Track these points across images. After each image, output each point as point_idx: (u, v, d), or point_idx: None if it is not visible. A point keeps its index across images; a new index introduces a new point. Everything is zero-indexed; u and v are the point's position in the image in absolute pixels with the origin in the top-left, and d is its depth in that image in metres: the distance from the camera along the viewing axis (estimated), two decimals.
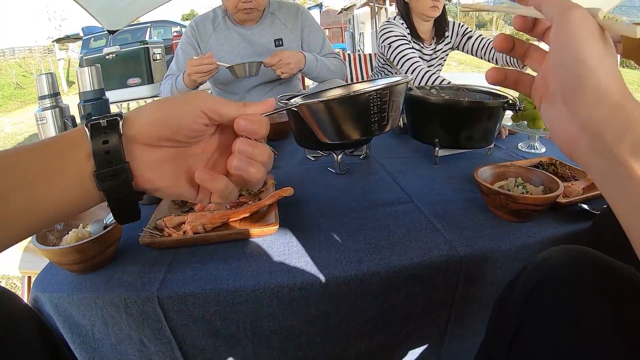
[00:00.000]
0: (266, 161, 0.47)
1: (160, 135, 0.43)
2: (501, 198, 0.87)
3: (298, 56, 1.78)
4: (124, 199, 0.43)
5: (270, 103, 0.48)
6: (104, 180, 0.41)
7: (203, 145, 0.48)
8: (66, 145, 0.42)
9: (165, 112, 0.43)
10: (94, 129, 0.41)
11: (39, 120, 2.03)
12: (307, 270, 0.75)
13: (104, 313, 0.74)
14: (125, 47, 4.20)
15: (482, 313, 0.87)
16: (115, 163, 0.41)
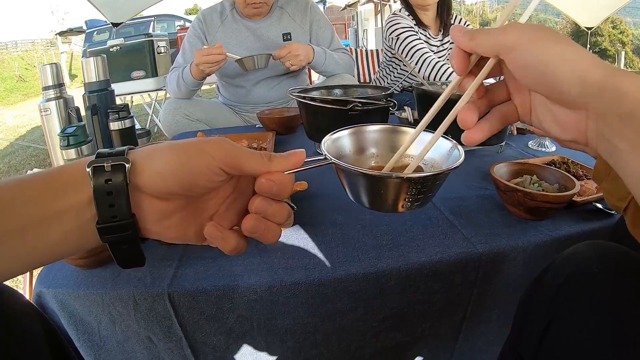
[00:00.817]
0: (284, 221, 0.43)
1: (171, 191, 0.39)
2: (518, 195, 0.85)
3: (307, 49, 1.76)
4: (128, 250, 0.40)
5: (300, 157, 0.42)
6: (107, 234, 0.38)
7: (217, 191, 0.43)
8: (65, 186, 0.37)
9: (178, 165, 0.38)
10: (96, 171, 0.37)
11: (42, 111, 2.02)
12: (324, 266, 0.74)
13: (111, 310, 0.72)
14: (129, 40, 4.18)
15: (496, 311, 0.85)
16: (120, 218, 0.37)
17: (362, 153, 0.56)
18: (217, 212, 0.43)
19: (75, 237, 0.38)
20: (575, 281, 0.48)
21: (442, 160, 0.52)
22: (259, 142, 1.45)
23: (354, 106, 1.05)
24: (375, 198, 0.48)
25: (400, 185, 0.45)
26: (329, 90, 1.37)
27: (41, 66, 2.04)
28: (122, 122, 1.60)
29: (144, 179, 0.38)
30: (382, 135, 0.57)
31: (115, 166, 0.37)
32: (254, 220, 0.41)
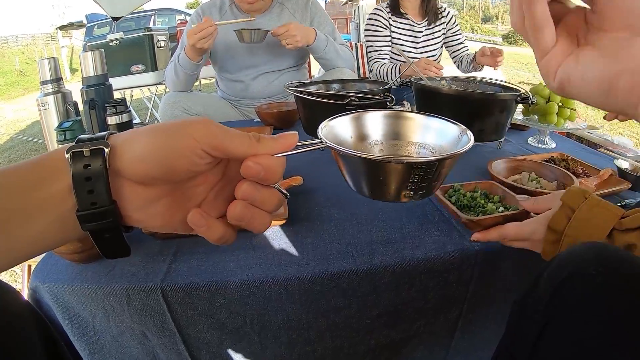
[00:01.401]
0: (274, 209, 0.40)
1: (152, 176, 0.36)
2: (516, 192, 0.84)
3: (307, 31, 1.75)
4: (111, 238, 0.38)
5: (292, 140, 0.39)
6: (87, 222, 0.36)
7: (204, 177, 0.41)
8: (46, 174, 0.36)
9: (158, 148, 0.36)
10: (75, 156, 0.35)
11: (40, 105, 2.01)
12: (317, 262, 0.73)
13: (105, 304, 0.72)
14: (129, 34, 4.16)
15: (492, 309, 0.85)
16: (100, 204, 0.35)
17: (364, 140, 0.52)
18: (205, 200, 0.41)
19: (58, 227, 0.36)
20: (572, 284, 0.47)
21: (450, 146, 0.49)
22: None
23: (350, 101, 1.04)
24: (376, 185, 0.45)
25: (403, 171, 0.42)
26: (326, 84, 1.36)
27: (39, 60, 2.03)
28: (120, 116, 1.60)
29: (124, 163, 0.36)
30: (385, 122, 0.53)
31: (94, 151, 0.35)
32: (240, 207, 0.38)
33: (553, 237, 0.62)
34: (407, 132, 0.52)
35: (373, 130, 0.53)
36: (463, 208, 0.79)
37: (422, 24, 2.25)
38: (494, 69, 2.13)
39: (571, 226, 0.59)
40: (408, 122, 0.53)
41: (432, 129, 0.51)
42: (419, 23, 2.24)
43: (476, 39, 24.63)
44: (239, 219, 0.38)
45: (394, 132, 0.53)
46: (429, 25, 2.27)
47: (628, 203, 0.92)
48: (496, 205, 0.78)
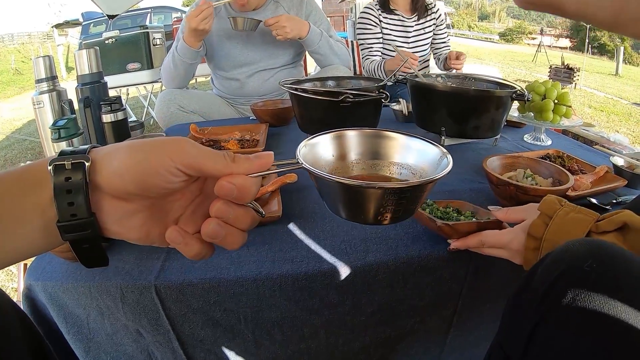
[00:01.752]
0: (248, 227, 0.41)
1: (128, 191, 0.38)
2: (511, 189, 0.84)
3: (300, 23, 1.75)
4: (90, 249, 0.39)
5: (266, 160, 0.39)
6: (67, 232, 0.37)
7: (181, 193, 0.42)
8: (30, 184, 0.37)
9: (134, 164, 0.37)
10: (57, 169, 0.36)
11: (35, 104, 2.00)
12: (311, 260, 0.73)
13: (99, 302, 0.72)
14: (124, 32, 4.14)
15: (488, 306, 0.85)
16: (80, 216, 0.37)
17: (343, 159, 0.52)
18: (183, 215, 0.42)
19: (40, 236, 0.37)
20: (566, 281, 0.46)
21: (430, 169, 0.48)
22: (251, 134, 1.44)
23: (345, 98, 1.04)
24: (351, 209, 0.45)
25: (379, 196, 0.42)
26: (321, 81, 1.35)
27: (34, 58, 2.02)
28: (115, 114, 1.59)
29: (103, 178, 0.37)
30: (366, 141, 0.52)
31: (76, 164, 0.36)
32: (214, 225, 0.39)
33: (533, 244, 0.63)
34: (389, 152, 0.52)
35: (354, 149, 0.52)
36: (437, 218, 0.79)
37: (412, 19, 2.26)
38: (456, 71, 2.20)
39: (550, 231, 0.61)
40: (389, 142, 0.52)
41: (413, 150, 0.51)
42: (409, 18, 2.26)
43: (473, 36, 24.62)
44: (212, 237, 0.39)
45: (375, 152, 0.52)
46: (419, 20, 2.28)
47: (623, 200, 0.92)
48: (468, 218, 0.78)
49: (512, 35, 24.63)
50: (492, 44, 21.64)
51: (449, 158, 0.46)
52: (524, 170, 0.94)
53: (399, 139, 0.51)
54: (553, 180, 0.90)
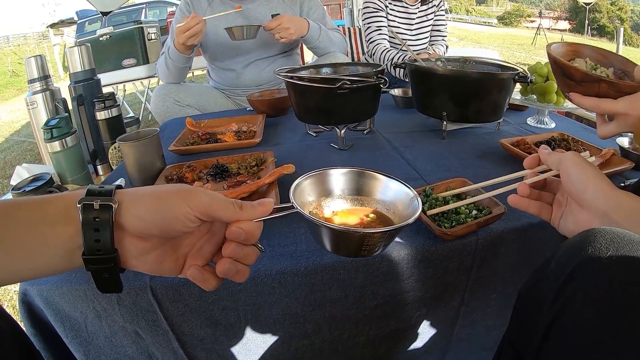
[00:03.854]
0: (253, 262, 0.49)
1: (150, 233, 0.44)
2: (602, 87, 0.70)
3: (300, 22, 1.72)
4: (108, 278, 0.44)
5: (268, 207, 0.48)
6: (91, 264, 0.42)
7: (192, 233, 0.48)
8: (55, 216, 0.41)
9: (159, 212, 0.43)
10: (85, 208, 0.41)
11: (29, 104, 1.98)
12: (311, 254, 0.71)
13: (95, 305, 0.71)
14: (119, 28, 4.11)
15: (495, 296, 0.83)
16: (104, 252, 0.42)
17: (331, 195, 0.61)
18: (192, 251, 0.49)
19: (60, 261, 0.42)
20: (582, 275, 0.42)
21: (403, 207, 0.57)
22: (248, 125, 1.41)
23: (342, 84, 1.01)
24: (336, 246, 0.54)
25: (359, 238, 0.50)
26: (317, 69, 1.32)
27: (26, 59, 1.99)
28: (109, 111, 1.56)
29: (127, 221, 0.42)
30: (350, 178, 0.62)
31: (103, 206, 0.41)
32: (228, 264, 0.46)
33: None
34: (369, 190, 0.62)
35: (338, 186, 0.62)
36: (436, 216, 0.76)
37: (415, 6, 2.23)
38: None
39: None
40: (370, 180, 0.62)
41: (391, 190, 0.60)
42: (412, 5, 2.23)
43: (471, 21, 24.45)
44: (226, 274, 0.47)
45: (357, 189, 0.62)
46: (421, 7, 2.25)
47: (630, 182, 0.89)
48: (469, 208, 0.75)
49: (511, 18, 24.47)
50: (491, 27, 21.49)
51: (419, 201, 0.55)
52: (585, 60, 0.82)
53: (380, 179, 0.61)
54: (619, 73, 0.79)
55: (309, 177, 0.59)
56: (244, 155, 1.10)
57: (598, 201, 0.52)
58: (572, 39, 12.82)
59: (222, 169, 1.03)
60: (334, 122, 1.16)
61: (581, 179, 0.54)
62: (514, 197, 0.63)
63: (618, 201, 0.51)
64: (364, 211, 0.61)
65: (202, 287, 0.49)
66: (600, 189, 0.53)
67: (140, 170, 1.03)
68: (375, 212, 0.61)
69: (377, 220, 0.59)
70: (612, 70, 0.79)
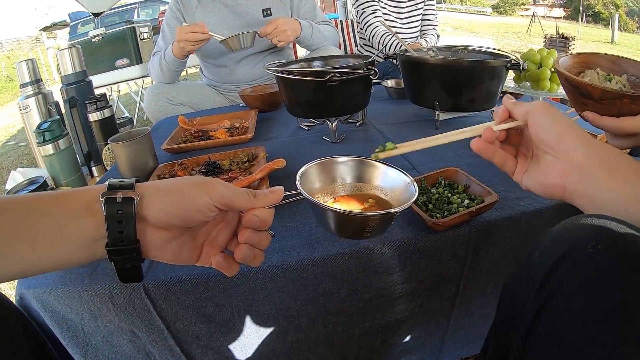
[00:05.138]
0: (266, 246, 0.52)
1: (172, 223, 0.46)
2: (624, 103, 0.66)
3: (293, 23, 1.72)
4: (130, 268, 0.46)
5: (279, 194, 0.51)
6: (115, 255, 0.44)
7: (209, 222, 0.51)
8: (78, 209, 0.43)
9: (181, 203, 0.45)
10: (108, 201, 0.43)
11: (22, 109, 1.98)
12: (302, 248, 0.70)
13: (90, 306, 0.71)
14: (111, 29, 4.08)
15: (491, 285, 0.83)
16: (128, 243, 0.44)
17: (333, 182, 0.65)
18: (208, 239, 0.52)
19: (82, 252, 0.44)
20: (567, 265, 0.41)
21: (400, 192, 0.62)
22: (241, 121, 1.41)
23: (332, 76, 1.00)
24: (341, 228, 0.57)
25: (361, 220, 0.55)
26: (308, 62, 1.32)
27: (17, 63, 1.99)
28: (101, 112, 1.56)
29: (151, 213, 0.45)
30: (351, 166, 0.66)
31: (126, 198, 0.43)
32: (246, 250, 0.50)
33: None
34: (369, 177, 0.66)
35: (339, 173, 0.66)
36: (429, 203, 0.76)
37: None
38: None
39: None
40: (369, 168, 0.66)
41: (389, 177, 0.64)
42: None
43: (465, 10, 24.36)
44: (245, 259, 0.50)
45: (357, 176, 0.66)
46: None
47: None
48: (461, 198, 0.75)
49: (505, 7, 24.37)
50: (485, 16, 21.41)
51: (415, 186, 0.59)
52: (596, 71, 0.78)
53: (379, 167, 0.65)
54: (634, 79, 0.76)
55: (313, 166, 0.63)
56: (235, 151, 1.10)
57: (577, 151, 0.49)
58: (567, 27, 12.79)
59: (214, 165, 1.03)
60: (325, 115, 1.15)
61: (554, 129, 0.51)
62: (478, 141, 0.58)
63: (598, 152, 0.48)
64: (365, 196, 0.64)
65: (226, 274, 0.52)
66: (578, 137, 0.50)
67: (133, 169, 1.03)
68: (374, 197, 0.64)
69: (376, 205, 0.63)
70: (625, 77, 0.76)
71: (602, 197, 0.47)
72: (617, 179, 0.47)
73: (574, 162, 0.49)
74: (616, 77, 0.76)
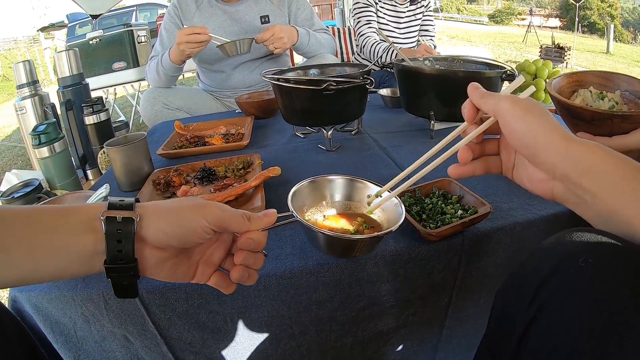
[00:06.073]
0: (260, 266, 0.55)
1: (170, 244, 0.48)
2: (615, 123, 0.67)
3: (290, 30, 1.73)
4: (127, 285, 0.48)
5: (272, 218, 0.53)
6: (112, 272, 0.45)
7: (204, 243, 0.52)
8: (78, 224, 0.44)
9: (179, 226, 0.47)
10: (109, 220, 0.44)
11: (18, 110, 1.97)
12: (296, 257, 0.71)
13: (84, 310, 0.71)
14: (109, 31, 4.09)
15: (484, 294, 0.83)
16: (126, 261, 0.45)
17: (323, 200, 0.70)
18: (203, 257, 0.53)
19: (79, 265, 0.45)
20: (559, 278, 0.41)
21: (389, 212, 0.66)
22: (237, 128, 1.41)
23: (328, 85, 1.01)
24: (331, 249, 0.63)
25: (350, 243, 0.59)
26: (305, 70, 1.32)
27: (14, 64, 1.98)
28: (97, 115, 1.56)
29: (149, 233, 0.46)
30: (341, 185, 0.71)
31: (126, 219, 0.45)
32: (241, 271, 0.53)
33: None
34: (359, 196, 0.70)
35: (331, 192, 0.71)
36: (422, 213, 0.76)
37: (404, 5, 2.26)
38: None
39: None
40: (359, 187, 0.70)
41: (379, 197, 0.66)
42: (401, 4, 2.25)
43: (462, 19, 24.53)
44: (240, 279, 0.53)
45: (347, 195, 0.71)
46: (410, 6, 2.27)
47: None
48: (455, 208, 0.76)
49: (502, 16, 24.54)
50: (482, 25, 21.56)
51: (402, 208, 0.63)
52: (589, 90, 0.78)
53: (368, 185, 0.69)
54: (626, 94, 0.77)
55: (304, 185, 0.68)
56: (231, 158, 1.10)
57: (553, 160, 0.45)
58: (563, 37, 12.89)
59: (209, 172, 1.03)
60: (321, 123, 1.16)
61: (525, 134, 0.47)
62: (454, 168, 0.56)
63: (577, 159, 0.44)
64: (354, 215, 0.69)
65: (222, 291, 0.55)
66: (552, 143, 0.45)
67: (128, 174, 1.03)
68: (363, 216, 0.68)
69: (365, 224, 0.66)
70: (619, 92, 0.77)
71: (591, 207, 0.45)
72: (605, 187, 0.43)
73: (556, 176, 0.47)
74: (609, 95, 0.77)
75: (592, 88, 0.80)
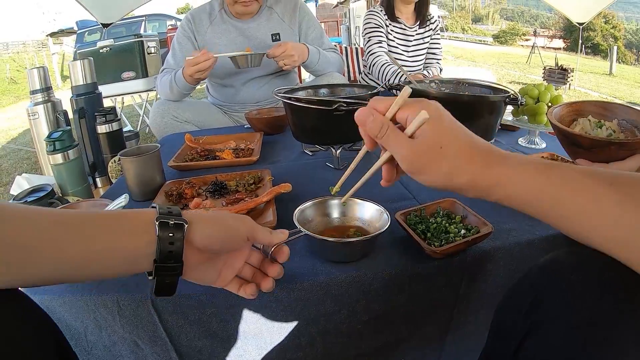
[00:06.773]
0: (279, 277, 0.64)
1: (213, 249, 0.55)
2: (612, 150, 0.70)
3: (301, 48, 1.76)
4: (169, 283, 0.53)
5: (286, 233, 0.63)
6: (160, 271, 0.51)
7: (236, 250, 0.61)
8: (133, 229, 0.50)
9: (225, 233, 0.55)
10: (162, 225, 0.50)
11: (30, 115, 2.01)
12: (307, 270, 0.73)
13: (96, 315, 0.72)
14: (119, 41, 4.15)
15: (484, 311, 0.85)
16: (174, 262, 0.51)
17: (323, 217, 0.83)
18: (226, 264, 0.60)
19: (127, 265, 0.50)
20: (552, 294, 0.44)
21: (376, 221, 0.80)
22: (246, 143, 1.44)
23: (339, 106, 1.04)
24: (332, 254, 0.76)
25: (344, 246, 0.73)
26: (315, 89, 1.36)
27: (28, 70, 2.03)
28: (110, 125, 1.60)
29: (197, 237, 0.53)
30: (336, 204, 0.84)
31: (178, 224, 0.51)
32: (272, 283, 0.62)
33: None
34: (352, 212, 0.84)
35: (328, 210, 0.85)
36: (427, 232, 0.79)
37: (413, 28, 2.30)
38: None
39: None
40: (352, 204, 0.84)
41: (367, 210, 0.82)
42: (410, 27, 2.29)
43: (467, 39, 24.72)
44: (270, 290, 0.62)
45: (344, 212, 0.84)
46: (419, 29, 2.32)
47: None
48: (458, 227, 0.79)
49: (506, 37, 24.76)
50: (486, 46, 21.75)
51: (387, 215, 0.77)
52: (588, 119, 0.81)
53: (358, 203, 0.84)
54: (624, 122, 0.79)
55: (306, 206, 0.82)
56: (242, 172, 1.13)
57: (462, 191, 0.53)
58: (567, 58, 13.00)
59: (221, 185, 1.05)
60: (330, 142, 1.19)
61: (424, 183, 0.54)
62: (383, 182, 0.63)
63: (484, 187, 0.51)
64: (348, 227, 0.82)
65: (246, 297, 0.62)
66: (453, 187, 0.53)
67: (141, 184, 1.06)
68: (355, 227, 0.82)
69: (358, 233, 0.79)
70: (616, 121, 0.79)
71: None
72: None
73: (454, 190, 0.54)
74: (607, 123, 0.80)
75: (591, 117, 0.83)
